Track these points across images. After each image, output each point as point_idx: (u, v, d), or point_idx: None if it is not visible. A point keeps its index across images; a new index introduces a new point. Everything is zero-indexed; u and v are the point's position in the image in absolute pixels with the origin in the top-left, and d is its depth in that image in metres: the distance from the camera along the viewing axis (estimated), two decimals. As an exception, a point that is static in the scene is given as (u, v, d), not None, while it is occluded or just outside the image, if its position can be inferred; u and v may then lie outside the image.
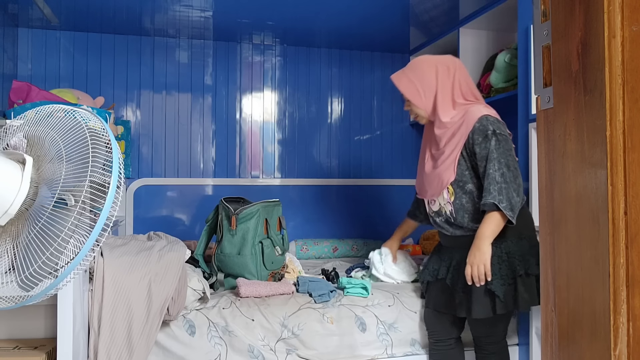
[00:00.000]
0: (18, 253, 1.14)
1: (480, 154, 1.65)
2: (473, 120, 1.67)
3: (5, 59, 2.66)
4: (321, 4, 2.57)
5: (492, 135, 1.64)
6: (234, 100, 3.22)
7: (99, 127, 1.18)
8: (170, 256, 1.75)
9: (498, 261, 1.67)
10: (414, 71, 1.79)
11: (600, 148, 0.73)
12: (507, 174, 1.62)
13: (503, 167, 1.62)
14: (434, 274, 1.86)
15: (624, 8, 0.71)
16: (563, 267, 0.82)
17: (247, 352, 1.85)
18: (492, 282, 1.65)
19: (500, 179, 1.60)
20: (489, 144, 1.63)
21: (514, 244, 1.70)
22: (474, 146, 1.66)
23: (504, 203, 1.59)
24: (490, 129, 1.64)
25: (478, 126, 1.66)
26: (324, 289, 2.02)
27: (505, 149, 1.64)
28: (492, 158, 1.62)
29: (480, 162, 1.66)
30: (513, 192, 1.61)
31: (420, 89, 1.77)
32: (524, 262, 1.68)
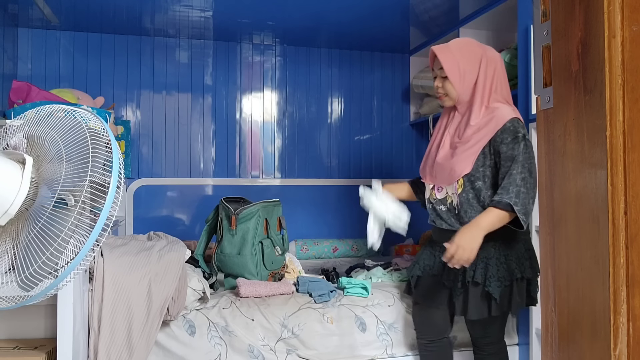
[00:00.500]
0: (18, 253, 1.14)
1: (506, 153, 1.62)
2: (504, 119, 1.64)
3: (5, 59, 2.66)
4: (321, 4, 2.57)
5: (522, 138, 1.62)
6: (234, 100, 3.22)
7: (99, 127, 1.18)
8: (170, 256, 1.75)
9: (496, 263, 1.66)
10: (461, 51, 1.72)
11: (600, 148, 0.73)
12: (529, 180, 1.59)
13: (526, 172, 1.59)
14: (426, 270, 1.82)
15: (624, 8, 0.71)
16: (563, 267, 0.82)
17: (247, 352, 1.85)
18: (490, 284, 1.64)
19: (520, 183, 1.58)
20: (518, 146, 1.61)
21: (511, 246, 1.70)
22: (501, 145, 1.63)
23: (519, 206, 1.56)
24: (521, 132, 1.63)
25: (509, 126, 1.63)
26: (324, 289, 2.02)
27: (531, 156, 1.62)
28: (518, 160, 1.60)
29: (504, 162, 1.63)
30: (530, 199, 1.59)
31: (462, 70, 1.70)
32: (520, 265, 1.68)
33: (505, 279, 1.65)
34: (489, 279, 1.65)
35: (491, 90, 1.70)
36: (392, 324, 1.99)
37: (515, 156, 1.60)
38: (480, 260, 1.67)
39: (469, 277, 1.67)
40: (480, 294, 1.67)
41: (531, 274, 1.69)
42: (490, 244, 1.67)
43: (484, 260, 1.67)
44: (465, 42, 1.76)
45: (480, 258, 1.66)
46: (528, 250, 1.72)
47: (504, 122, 1.63)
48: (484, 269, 1.66)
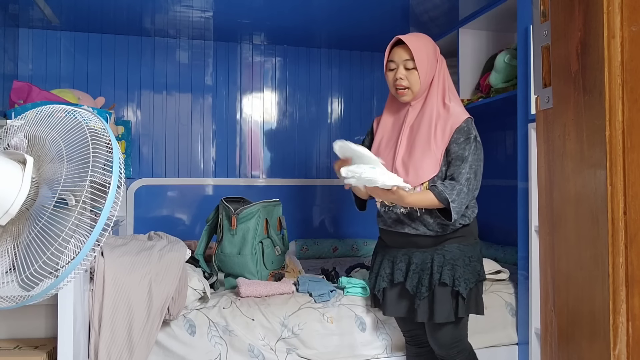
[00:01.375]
0: (19, 253, 1.14)
1: (457, 152, 1.62)
2: (460, 119, 1.64)
3: (6, 59, 2.66)
4: (321, 5, 2.57)
5: (473, 139, 1.63)
6: (234, 101, 3.22)
7: (99, 127, 1.18)
8: (170, 256, 1.75)
9: (462, 264, 1.66)
10: (426, 44, 1.68)
11: (600, 148, 0.73)
12: (472, 182, 1.62)
13: (472, 174, 1.61)
14: (389, 279, 1.75)
15: (623, 8, 0.71)
16: (562, 267, 0.82)
17: (247, 351, 1.85)
18: (459, 284, 1.63)
19: (464, 182, 1.60)
20: (469, 147, 1.62)
21: (473, 248, 1.71)
22: (453, 144, 1.63)
23: (455, 204, 1.58)
24: (474, 133, 1.64)
25: (464, 126, 1.63)
26: (324, 288, 2.02)
27: (479, 158, 1.64)
28: (467, 161, 1.61)
29: (454, 161, 1.62)
30: (468, 199, 1.62)
31: (427, 62, 1.66)
32: (481, 266, 1.71)
33: (470, 281, 1.66)
34: (457, 279, 1.64)
35: (445, 87, 1.71)
36: (392, 324, 1.99)
37: (465, 157, 1.61)
38: (447, 262, 1.65)
39: (436, 280, 1.64)
40: (447, 295, 1.65)
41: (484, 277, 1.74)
42: (455, 246, 1.68)
43: (451, 262, 1.66)
44: (427, 37, 1.72)
45: (447, 260, 1.66)
46: (481, 252, 1.77)
47: (459, 122, 1.63)
48: (452, 270, 1.65)
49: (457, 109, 1.68)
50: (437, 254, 1.68)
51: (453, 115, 1.65)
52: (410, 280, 1.69)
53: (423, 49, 1.66)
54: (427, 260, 1.69)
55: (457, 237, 1.69)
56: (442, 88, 1.70)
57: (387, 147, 1.75)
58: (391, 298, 1.76)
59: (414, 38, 1.68)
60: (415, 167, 1.65)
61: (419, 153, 1.65)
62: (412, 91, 1.68)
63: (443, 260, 1.66)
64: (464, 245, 1.69)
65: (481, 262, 1.73)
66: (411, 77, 1.66)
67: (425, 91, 1.70)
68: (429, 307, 1.66)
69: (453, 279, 1.64)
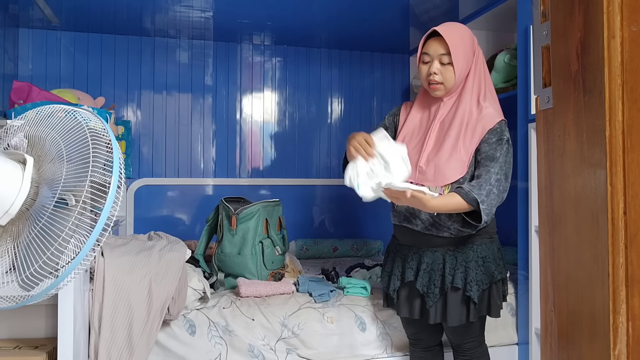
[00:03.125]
0: (19, 253, 1.14)
1: (487, 152, 1.55)
2: (494, 121, 1.56)
3: (6, 59, 2.66)
4: (321, 5, 2.57)
5: (506, 141, 1.56)
6: (234, 101, 3.22)
7: (99, 127, 1.18)
8: (170, 256, 1.75)
9: (475, 266, 1.59)
10: (463, 37, 1.57)
11: (600, 148, 0.73)
12: (503, 183, 1.53)
13: (502, 175, 1.53)
14: (401, 278, 1.70)
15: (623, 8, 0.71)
16: (562, 267, 0.82)
17: (247, 351, 1.85)
18: (471, 289, 1.57)
19: (494, 183, 1.52)
20: (501, 148, 1.55)
21: (488, 247, 1.63)
22: (484, 144, 1.55)
23: (484, 205, 1.49)
24: (506, 136, 1.57)
25: (497, 128, 1.56)
26: (324, 288, 2.02)
27: (510, 161, 1.57)
28: (498, 161, 1.53)
29: (483, 161, 1.55)
30: (498, 201, 1.53)
31: (464, 57, 1.56)
32: (497, 265, 1.62)
33: (484, 283, 1.59)
34: (469, 283, 1.58)
35: (480, 89, 1.61)
36: (392, 324, 1.99)
37: (496, 157, 1.54)
38: (459, 264, 1.60)
39: (448, 283, 1.59)
40: (460, 300, 1.60)
41: (505, 274, 1.67)
42: (468, 247, 1.61)
43: (463, 264, 1.60)
44: (465, 29, 1.61)
45: (459, 262, 1.60)
46: (499, 250, 1.68)
47: (492, 124, 1.56)
48: (464, 273, 1.59)
49: (491, 110, 1.58)
50: (449, 255, 1.61)
51: (486, 117, 1.57)
52: (421, 279, 1.63)
53: (460, 42, 1.55)
54: (438, 260, 1.62)
55: (469, 237, 1.62)
56: (478, 85, 1.60)
57: (414, 143, 1.65)
58: (404, 299, 1.70)
59: (452, 30, 1.56)
60: (440, 167, 1.57)
61: (446, 153, 1.57)
62: (445, 87, 1.58)
63: (455, 262, 1.60)
64: (477, 245, 1.62)
65: (498, 261, 1.64)
66: (446, 73, 1.56)
67: (460, 87, 1.60)
68: (442, 310, 1.62)
69: (465, 283, 1.59)
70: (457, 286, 1.58)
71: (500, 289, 1.66)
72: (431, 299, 1.62)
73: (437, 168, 1.57)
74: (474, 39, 1.61)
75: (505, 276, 1.66)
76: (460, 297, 1.60)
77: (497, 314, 1.66)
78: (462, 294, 1.60)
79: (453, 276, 1.60)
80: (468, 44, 1.58)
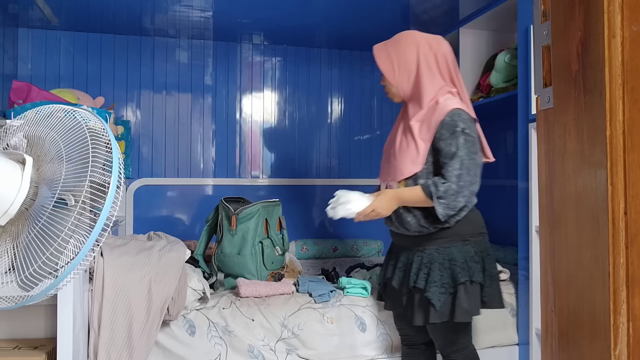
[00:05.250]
0: (18, 253, 1.14)
1: (445, 150, 1.54)
2: (444, 112, 1.55)
3: (6, 59, 2.66)
4: (321, 5, 2.57)
5: (460, 132, 1.53)
6: (234, 100, 3.22)
7: (99, 127, 1.18)
8: (170, 256, 1.75)
9: (439, 268, 1.58)
10: (395, 45, 1.67)
11: (600, 148, 0.73)
12: (465, 178, 1.52)
13: (463, 170, 1.51)
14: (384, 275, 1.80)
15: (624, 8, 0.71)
16: (563, 267, 0.82)
17: (247, 352, 1.85)
18: (429, 289, 1.57)
19: (454, 180, 1.51)
20: (457, 141, 1.53)
21: (458, 250, 1.60)
22: (440, 141, 1.56)
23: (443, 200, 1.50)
24: (460, 126, 1.53)
25: (448, 121, 1.54)
26: (324, 289, 2.02)
27: (470, 151, 1.53)
28: (457, 156, 1.52)
29: (443, 159, 1.55)
30: (461, 197, 1.52)
31: (396, 63, 1.65)
32: (467, 269, 1.58)
33: (449, 285, 1.57)
34: (430, 283, 1.58)
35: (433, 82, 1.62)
36: (392, 324, 1.99)
37: (453, 152, 1.53)
38: (424, 265, 1.61)
39: (412, 282, 1.61)
40: (419, 300, 1.61)
41: (482, 278, 1.59)
42: (433, 249, 1.62)
43: (428, 266, 1.60)
44: (402, 35, 1.69)
45: (424, 263, 1.61)
46: (480, 253, 1.62)
47: (443, 117, 1.55)
48: (427, 274, 1.59)
49: (446, 102, 1.58)
50: (417, 255, 1.64)
51: (439, 109, 1.58)
52: (396, 277, 1.71)
53: (387, 59, 1.67)
54: (410, 260, 1.66)
55: (437, 239, 1.62)
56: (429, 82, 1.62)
57: (387, 149, 1.77)
58: (389, 294, 1.79)
59: (381, 47, 1.70)
60: (396, 164, 1.65)
61: (403, 150, 1.64)
62: (393, 93, 1.72)
63: (421, 263, 1.62)
64: (444, 247, 1.61)
65: (470, 264, 1.59)
66: (388, 85, 1.71)
67: (411, 89, 1.66)
68: (410, 309, 1.65)
69: (426, 283, 1.58)
70: (419, 286, 1.60)
71: (472, 293, 1.59)
72: (404, 297, 1.67)
73: (394, 165, 1.67)
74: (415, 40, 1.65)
75: (479, 280, 1.59)
76: (421, 297, 1.61)
77: (462, 317, 1.58)
78: (422, 295, 1.60)
79: (417, 276, 1.61)
80: (403, 55, 1.65)
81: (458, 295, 1.58)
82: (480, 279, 1.59)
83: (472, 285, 1.59)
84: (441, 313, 1.58)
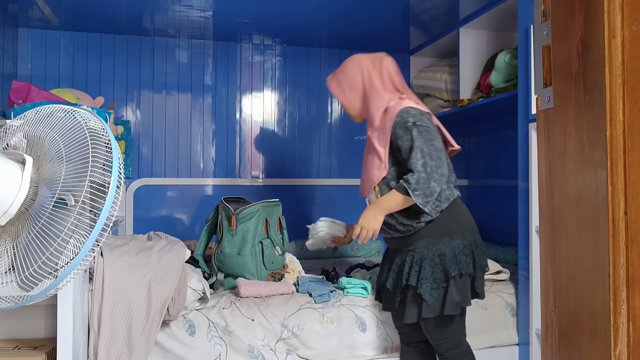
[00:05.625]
0: (18, 253, 1.14)
1: (404, 146, 1.62)
2: (394, 115, 1.65)
3: (5, 59, 2.66)
4: (321, 4, 2.57)
5: (412, 125, 1.61)
6: (234, 100, 3.22)
7: (98, 127, 1.18)
8: (170, 256, 1.75)
9: (430, 264, 1.64)
10: (342, 71, 1.81)
11: (601, 148, 0.73)
12: (430, 163, 1.57)
13: (426, 157, 1.58)
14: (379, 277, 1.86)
15: (624, 8, 0.71)
16: (563, 267, 0.82)
17: (247, 352, 1.85)
18: (421, 286, 1.62)
19: (421, 169, 1.57)
20: (411, 135, 1.61)
21: (446, 245, 1.65)
22: (397, 140, 1.64)
23: (418, 191, 1.56)
24: (410, 120, 1.62)
25: (399, 120, 1.64)
26: (324, 289, 2.02)
27: (427, 139, 1.60)
28: (415, 147, 1.59)
29: (404, 154, 1.63)
30: (433, 182, 1.57)
31: (346, 87, 1.79)
32: (456, 262, 1.64)
33: (441, 280, 1.63)
34: (421, 280, 1.63)
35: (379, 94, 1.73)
36: (392, 324, 1.99)
37: (411, 145, 1.60)
38: (415, 263, 1.66)
39: (404, 281, 1.66)
40: (412, 297, 1.66)
41: (472, 270, 1.66)
42: (423, 246, 1.67)
43: (419, 263, 1.66)
44: (346, 61, 1.82)
45: (415, 261, 1.67)
46: (469, 246, 1.68)
47: (394, 119, 1.65)
48: (418, 271, 1.65)
49: (394, 106, 1.69)
50: (409, 255, 1.70)
51: (389, 114, 1.68)
52: (390, 279, 1.75)
53: (338, 85, 1.81)
54: (402, 260, 1.72)
55: (424, 236, 1.67)
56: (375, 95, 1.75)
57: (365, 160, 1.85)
58: (385, 296, 1.84)
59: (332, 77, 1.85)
60: (366, 177, 1.76)
61: (369, 161, 1.74)
62: (354, 116, 1.84)
63: (412, 261, 1.68)
64: (432, 244, 1.66)
65: (459, 257, 1.64)
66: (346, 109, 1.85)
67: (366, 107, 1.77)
68: (403, 307, 1.70)
69: (417, 280, 1.64)
70: (411, 284, 1.65)
71: (462, 286, 1.65)
72: (397, 297, 1.71)
73: (365, 179, 1.77)
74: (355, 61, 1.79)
75: (470, 272, 1.65)
76: (413, 294, 1.66)
77: (452, 310, 1.64)
78: (414, 292, 1.65)
79: (409, 274, 1.67)
80: (346, 72, 1.79)
81: (449, 289, 1.64)
82: (471, 271, 1.67)
83: (462, 278, 1.65)
84: (433, 308, 1.63)
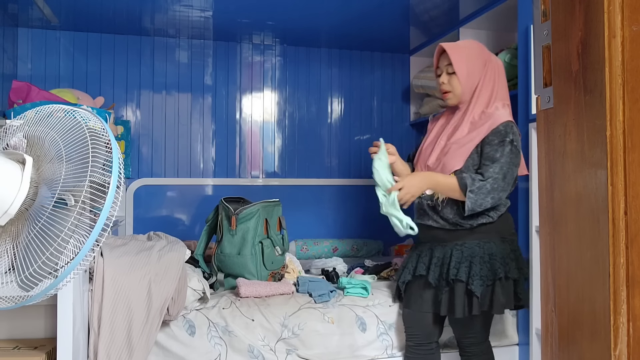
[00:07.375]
0: (18, 253, 1.14)
1: (488, 154, 1.65)
2: (499, 121, 1.67)
3: (5, 59, 2.66)
4: (321, 4, 2.57)
5: (509, 142, 1.65)
6: (234, 100, 3.22)
7: (98, 127, 1.18)
8: (170, 256, 1.75)
9: (480, 262, 1.68)
10: (469, 50, 1.76)
11: (601, 148, 0.73)
12: (499, 182, 1.63)
13: (500, 174, 1.63)
14: (413, 272, 1.82)
15: (624, 8, 0.71)
16: (563, 267, 0.82)
17: (247, 352, 1.85)
18: (473, 282, 1.65)
19: (490, 181, 1.62)
20: (503, 149, 1.64)
21: (497, 246, 1.71)
22: (486, 145, 1.66)
23: (473, 195, 1.60)
24: (510, 137, 1.65)
25: (501, 129, 1.66)
26: (324, 289, 2.02)
27: (512, 163, 1.65)
28: (499, 162, 1.63)
29: (484, 161, 1.66)
30: (490, 198, 1.63)
31: (469, 69, 1.73)
32: (504, 264, 1.68)
33: (488, 278, 1.67)
34: (472, 277, 1.66)
35: (491, 95, 1.73)
36: (393, 324, 1.99)
37: (496, 158, 1.64)
38: (464, 259, 1.69)
39: (453, 275, 1.69)
40: (463, 292, 1.68)
41: (517, 275, 1.70)
42: (475, 243, 1.71)
43: (469, 259, 1.69)
44: (474, 44, 1.80)
45: (464, 256, 1.70)
46: (514, 251, 1.74)
47: (497, 124, 1.66)
48: (468, 267, 1.68)
49: (500, 113, 1.70)
50: (457, 249, 1.72)
51: (493, 116, 1.68)
52: (432, 272, 1.74)
53: (463, 54, 1.73)
54: (447, 254, 1.73)
55: (478, 233, 1.71)
56: (487, 94, 1.73)
57: (429, 146, 1.84)
58: (415, 292, 1.82)
59: (456, 44, 1.77)
60: (445, 162, 1.73)
61: (452, 150, 1.72)
62: (454, 94, 1.75)
63: (461, 257, 1.69)
64: (485, 242, 1.71)
65: (507, 260, 1.69)
66: (452, 81, 1.74)
67: (470, 96, 1.75)
68: (449, 302, 1.71)
69: (468, 276, 1.66)
70: (461, 279, 1.67)
71: (509, 288, 1.70)
72: (441, 291, 1.71)
73: (442, 163, 1.74)
74: (483, 53, 1.76)
75: (515, 276, 1.69)
76: (463, 289, 1.68)
77: (499, 310, 1.70)
78: (465, 287, 1.67)
79: (458, 269, 1.68)
80: (474, 54, 1.74)
81: (495, 289, 1.67)
82: (516, 275, 1.70)
83: (507, 280, 1.69)
84: (482, 304, 1.67)
